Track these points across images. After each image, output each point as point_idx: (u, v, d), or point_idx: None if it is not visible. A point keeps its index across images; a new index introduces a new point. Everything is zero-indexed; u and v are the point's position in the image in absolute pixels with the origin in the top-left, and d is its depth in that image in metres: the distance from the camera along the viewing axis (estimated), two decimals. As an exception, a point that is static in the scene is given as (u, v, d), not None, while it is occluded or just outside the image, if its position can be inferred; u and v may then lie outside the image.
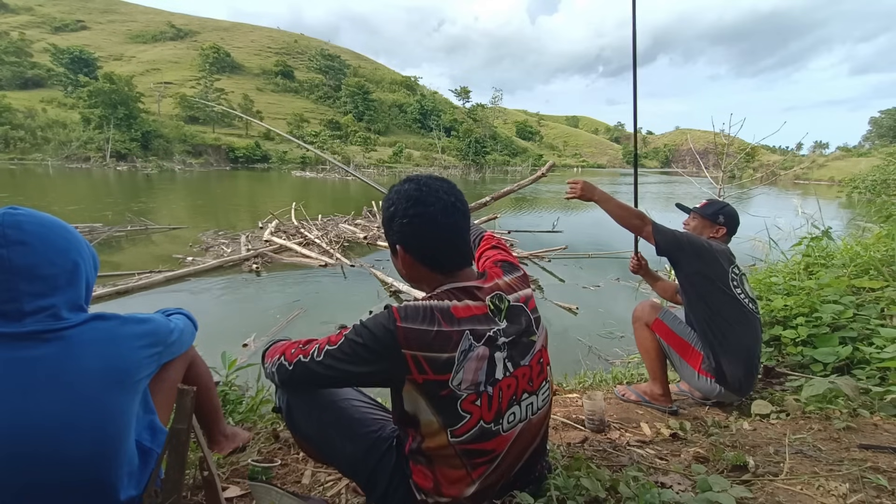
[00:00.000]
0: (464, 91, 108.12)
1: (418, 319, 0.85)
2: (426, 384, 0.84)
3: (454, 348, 0.84)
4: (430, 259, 0.94)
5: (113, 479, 0.86)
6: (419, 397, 0.86)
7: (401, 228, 0.93)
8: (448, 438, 0.87)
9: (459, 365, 0.84)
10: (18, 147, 40.64)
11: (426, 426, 0.88)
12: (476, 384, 0.86)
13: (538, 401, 0.98)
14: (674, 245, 1.84)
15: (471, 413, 0.86)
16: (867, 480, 1.12)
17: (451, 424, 0.86)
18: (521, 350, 0.94)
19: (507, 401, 0.90)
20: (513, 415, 0.92)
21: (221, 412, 1.49)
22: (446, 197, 0.93)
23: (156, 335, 0.96)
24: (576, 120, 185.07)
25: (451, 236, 0.94)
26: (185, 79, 71.76)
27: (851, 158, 55.74)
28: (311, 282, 6.64)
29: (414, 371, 0.84)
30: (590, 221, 15.16)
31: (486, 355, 0.87)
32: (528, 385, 0.94)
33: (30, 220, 0.83)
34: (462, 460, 0.89)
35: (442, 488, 0.91)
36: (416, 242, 0.93)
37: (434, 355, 0.84)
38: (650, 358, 1.99)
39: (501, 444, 0.91)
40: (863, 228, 4.30)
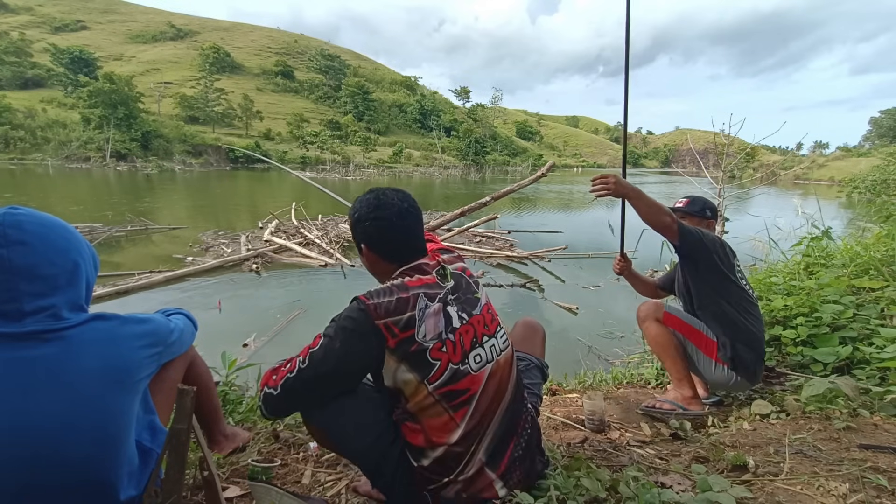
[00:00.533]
0: (464, 91, 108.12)
1: (381, 296, 1.01)
2: (398, 346, 0.98)
3: (413, 308, 1.01)
4: (389, 254, 1.13)
5: (113, 479, 0.86)
6: (396, 363, 0.99)
7: (364, 230, 1.12)
8: (427, 389, 1.00)
9: (420, 321, 1.00)
10: (18, 147, 40.65)
11: (407, 387, 1.00)
12: (438, 334, 1.01)
13: (499, 343, 1.13)
14: (699, 243, 1.81)
15: (440, 359, 1.01)
16: (867, 480, 1.12)
17: (426, 374, 1.00)
18: (469, 303, 1.11)
19: (469, 343, 1.06)
20: (478, 356, 1.06)
21: (221, 412, 1.49)
22: (400, 203, 1.13)
23: (156, 335, 0.96)
24: (576, 120, 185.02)
25: (406, 235, 1.12)
26: (185, 79, 71.74)
27: (851, 158, 55.73)
28: (311, 282, 6.64)
29: (388, 336, 0.98)
30: (590, 221, 15.17)
31: (441, 309, 1.04)
32: (484, 329, 1.10)
33: (30, 220, 0.83)
34: (443, 406, 1.01)
35: (432, 438, 1.02)
36: (377, 241, 1.12)
37: (398, 317, 0.99)
38: (669, 355, 1.91)
39: (474, 383, 1.04)
40: (863, 228, 4.30)
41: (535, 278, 7.15)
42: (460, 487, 1.04)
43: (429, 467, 1.04)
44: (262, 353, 4.00)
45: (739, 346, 1.82)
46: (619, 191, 1.79)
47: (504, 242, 9.62)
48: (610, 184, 1.77)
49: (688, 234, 1.79)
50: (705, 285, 1.87)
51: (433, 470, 1.04)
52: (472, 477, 1.04)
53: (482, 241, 9.64)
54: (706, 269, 1.85)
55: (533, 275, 7.37)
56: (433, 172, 55.68)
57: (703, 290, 1.88)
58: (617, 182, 1.78)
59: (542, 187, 28.82)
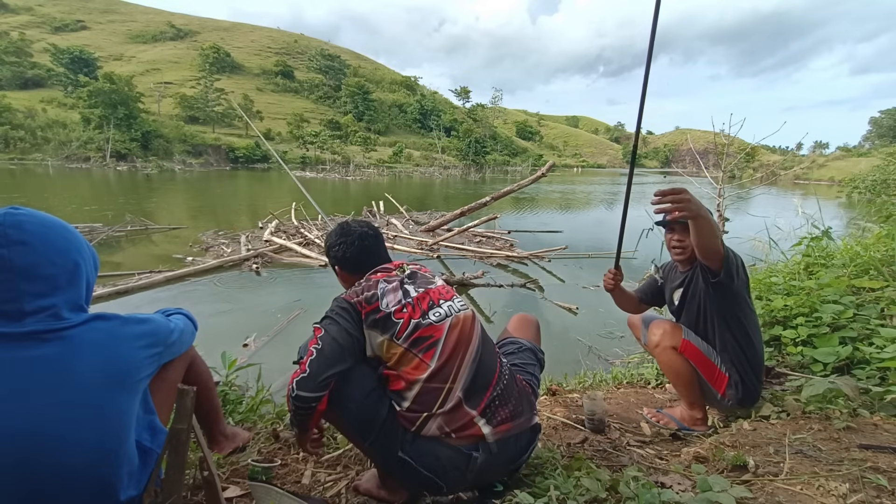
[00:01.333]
0: (464, 91, 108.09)
1: (353, 288, 1.28)
2: (367, 315, 1.20)
3: (375, 288, 1.25)
4: (354, 268, 1.38)
5: (113, 478, 0.86)
6: (370, 330, 1.20)
7: (334, 254, 1.41)
8: (395, 342, 1.19)
9: (382, 295, 1.23)
10: (18, 147, 40.63)
11: (381, 347, 1.20)
12: (398, 301, 1.23)
13: (456, 304, 1.31)
14: (738, 270, 1.65)
15: (402, 318, 1.21)
16: (867, 480, 1.12)
17: (394, 331, 1.19)
18: (425, 282, 1.33)
19: (426, 304, 1.26)
20: (437, 312, 1.25)
21: (221, 412, 1.50)
22: (360, 229, 1.41)
23: (156, 335, 0.96)
24: (576, 120, 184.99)
25: (366, 252, 1.39)
26: (185, 79, 71.72)
27: (851, 158, 55.68)
28: (311, 282, 6.63)
29: (361, 310, 1.21)
30: (590, 221, 15.16)
31: (398, 286, 1.27)
32: (440, 296, 1.30)
33: (31, 221, 0.83)
34: (412, 352, 1.19)
35: (408, 378, 1.18)
36: (343, 260, 1.39)
37: (366, 295, 1.23)
38: (684, 384, 1.82)
39: (437, 331, 1.22)
40: (863, 228, 4.30)
41: (535, 278, 7.15)
42: (441, 421, 1.16)
43: (410, 407, 1.17)
44: (262, 353, 4.00)
45: (748, 381, 1.74)
46: (693, 210, 1.45)
47: (504, 242, 9.61)
48: (684, 201, 1.43)
49: (729, 259, 1.60)
50: (728, 314, 1.73)
51: (414, 409, 1.17)
52: (450, 410, 1.16)
53: (482, 241, 9.63)
54: (733, 297, 1.70)
55: (533, 275, 7.36)
56: (433, 172, 55.65)
57: (725, 318, 1.74)
58: (693, 201, 1.44)
59: (545, 187, 28.83)
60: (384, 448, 1.18)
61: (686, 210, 1.44)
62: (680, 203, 1.43)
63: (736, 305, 1.72)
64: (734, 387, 1.74)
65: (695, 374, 1.78)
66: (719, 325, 1.76)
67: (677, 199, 1.43)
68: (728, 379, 1.74)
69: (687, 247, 1.82)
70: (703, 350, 1.78)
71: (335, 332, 1.18)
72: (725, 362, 1.77)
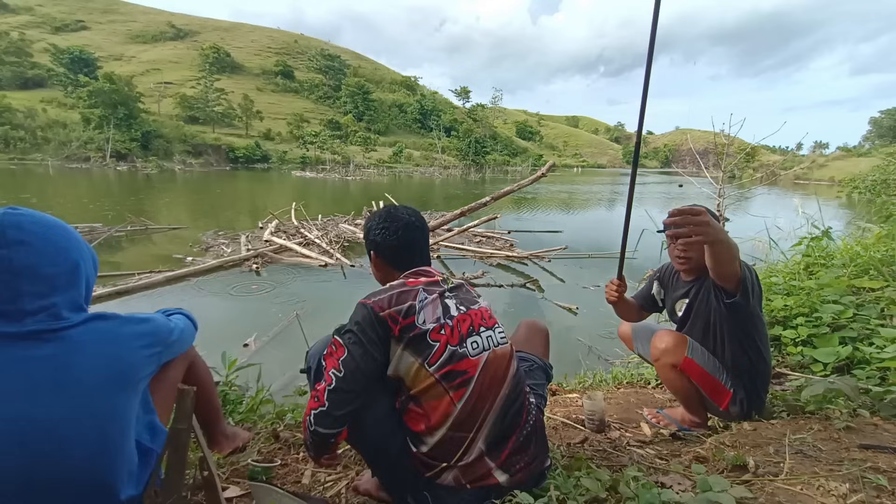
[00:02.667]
0: (464, 91, 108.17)
1: (380, 294, 1.11)
2: (401, 332, 1.05)
3: (413, 298, 1.09)
4: (393, 260, 1.24)
5: (113, 478, 0.86)
6: (400, 350, 1.06)
7: (374, 238, 1.25)
8: (427, 370, 1.05)
9: (420, 308, 1.08)
10: (18, 147, 40.69)
11: (408, 371, 1.06)
12: (437, 318, 1.09)
13: (496, 335, 1.17)
14: (753, 289, 1.55)
15: (438, 341, 1.07)
16: (867, 480, 1.12)
17: (427, 355, 1.06)
18: (467, 300, 1.20)
19: (466, 329, 1.12)
20: (475, 342, 1.12)
21: (221, 412, 1.49)
22: (408, 218, 1.25)
23: (156, 335, 0.96)
24: (576, 120, 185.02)
25: (410, 245, 1.24)
26: (185, 79, 71.77)
27: (851, 158, 55.65)
28: (311, 282, 6.64)
29: (392, 325, 1.05)
30: (591, 221, 15.17)
31: (438, 299, 1.12)
32: (482, 321, 1.17)
33: (30, 221, 0.83)
34: (443, 385, 1.06)
35: (432, 421, 1.07)
36: (383, 248, 1.24)
37: (400, 307, 1.07)
38: (683, 399, 1.78)
39: (472, 366, 1.09)
40: (863, 228, 4.30)
41: (535, 278, 7.14)
42: (458, 473, 1.08)
43: (428, 453, 1.07)
44: (263, 353, 4.00)
45: (754, 396, 1.70)
46: (711, 235, 1.30)
47: (504, 242, 9.61)
48: (701, 224, 1.26)
49: (746, 280, 1.50)
50: (740, 331, 1.65)
51: (432, 455, 1.07)
52: (470, 463, 1.08)
53: (482, 241, 9.63)
54: (748, 315, 1.61)
55: (533, 275, 7.36)
56: (433, 172, 55.65)
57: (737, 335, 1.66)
58: (710, 223, 1.28)
59: (545, 187, 28.83)
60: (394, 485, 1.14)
61: (702, 235, 1.29)
62: (697, 227, 1.27)
63: (749, 322, 1.63)
64: (738, 403, 1.69)
65: (695, 390, 1.72)
66: (730, 341, 1.67)
67: (693, 223, 1.27)
68: (732, 395, 1.69)
69: (692, 258, 1.74)
70: (708, 367, 1.70)
71: (359, 357, 1.04)
72: (732, 378, 1.70)
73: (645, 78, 1.59)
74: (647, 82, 1.58)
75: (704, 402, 1.77)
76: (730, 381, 1.70)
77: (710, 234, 1.30)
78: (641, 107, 1.62)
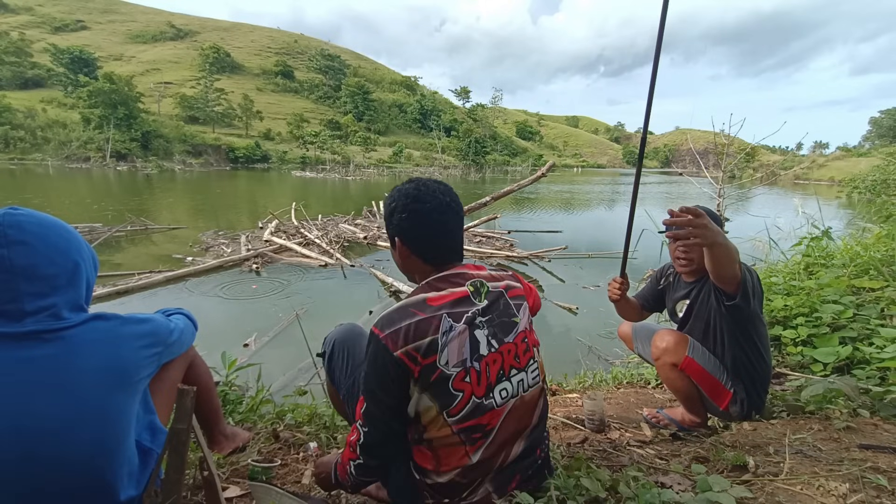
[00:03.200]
0: (464, 91, 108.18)
1: (395, 322, 0.92)
2: (421, 375, 0.91)
3: (435, 331, 0.91)
4: (423, 251, 1.03)
5: (113, 479, 0.86)
6: (419, 392, 0.93)
7: (399, 222, 1.02)
8: (445, 419, 0.93)
9: (443, 345, 0.91)
10: (18, 147, 40.67)
11: (425, 415, 0.94)
12: (462, 361, 0.93)
13: (528, 378, 1.03)
14: (753, 290, 1.54)
15: (462, 391, 0.93)
16: (867, 480, 1.12)
17: (447, 405, 0.92)
18: (503, 328, 1.00)
19: (495, 375, 0.96)
20: (504, 390, 0.98)
21: (221, 412, 1.49)
22: (442, 197, 1.01)
23: (156, 335, 0.96)
24: (576, 120, 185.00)
25: (444, 232, 1.02)
26: (185, 79, 71.78)
27: (851, 158, 55.63)
28: (311, 282, 6.63)
29: (411, 366, 0.90)
30: (591, 221, 15.16)
31: (467, 332, 0.94)
32: (514, 361, 1.00)
33: (30, 221, 0.83)
34: (460, 438, 0.95)
35: (441, 467, 0.97)
36: (412, 235, 1.02)
37: (419, 342, 0.90)
38: (683, 398, 1.78)
39: (495, 417, 0.97)
40: (863, 228, 4.30)
41: (535, 278, 7.14)
42: None
43: (433, 486, 1.00)
44: (262, 353, 4.00)
45: (754, 396, 1.70)
46: (709, 238, 1.29)
47: (504, 242, 9.61)
48: (699, 227, 1.26)
49: (746, 281, 1.49)
50: (740, 332, 1.65)
51: (437, 489, 1.00)
52: (476, 500, 1.02)
53: (482, 241, 9.63)
54: (748, 317, 1.61)
55: (533, 275, 7.36)
56: (433, 172, 55.64)
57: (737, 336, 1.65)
58: (708, 225, 1.27)
59: (545, 187, 28.82)
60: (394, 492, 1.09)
61: (701, 237, 1.28)
62: (695, 229, 1.26)
63: (749, 324, 1.63)
64: (738, 403, 1.70)
65: (695, 389, 1.72)
66: (730, 342, 1.67)
67: (692, 224, 1.26)
68: (732, 395, 1.69)
69: (693, 259, 1.74)
70: (709, 367, 1.70)
71: (380, 408, 0.95)
72: (732, 378, 1.70)
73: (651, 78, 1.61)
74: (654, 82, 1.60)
75: (704, 402, 1.77)
76: (730, 382, 1.70)
77: (709, 236, 1.29)
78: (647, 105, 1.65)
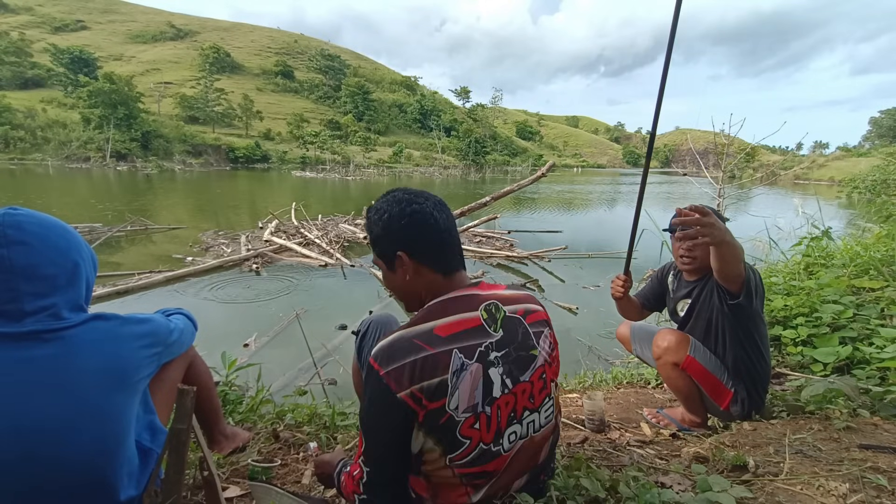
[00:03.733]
0: (464, 91, 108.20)
1: (398, 357, 0.81)
2: (426, 418, 0.81)
3: (445, 370, 0.81)
4: (433, 258, 0.92)
5: (113, 478, 0.86)
6: (423, 436, 0.84)
7: (400, 230, 0.90)
8: (447, 464, 0.85)
9: (454, 387, 0.81)
10: (18, 147, 40.69)
11: (428, 454, 0.86)
12: (473, 406, 0.83)
13: (540, 418, 0.95)
14: (756, 290, 1.53)
15: (470, 438, 0.84)
16: (867, 480, 1.12)
17: (452, 451, 0.84)
18: (520, 364, 0.90)
19: (506, 418, 0.88)
20: (513, 433, 0.90)
21: (221, 412, 1.49)
22: (432, 197, 0.95)
23: (155, 335, 0.96)
24: (576, 120, 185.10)
25: (448, 231, 0.93)
26: (185, 79, 71.82)
27: (851, 158, 55.63)
28: (311, 282, 6.63)
29: (417, 409, 0.81)
30: (591, 221, 15.16)
31: (480, 372, 0.84)
32: (528, 402, 0.91)
33: (30, 221, 0.83)
34: (461, 480, 0.88)
35: (438, 499, 0.90)
36: (419, 241, 0.91)
37: (426, 383, 0.80)
38: (684, 398, 1.77)
39: (500, 463, 0.90)
40: (863, 228, 4.31)
41: (535, 278, 7.15)
42: None
43: None
44: (262, 353, 4.00)
45: (755, 396, 1.70)
46: (718, 237, 1.31)
47: (504, 242, 9.61)
48: (708, 226, 1.27)
49: (749, 280, 1.49)
50: (741, 331, 1.64)
51: None
52: None
53: (482, 241, 9.63)
54: (749, 316, 1.61)
55: (533, 275, 7.36)
56: (433, 172, 55.65)
57: (738, 335, 1.65)
58: (715, 224, 1.28)
59: (549, 187, 28.82)
60: None
61: (710, 236, 1.29)
62: (704, 228, 1.27)
63: (751, 323, 1.63)
64: (739, 402, 1.70)
65: (696, 389, 1.72)
66: (732, 341, 1.67)
67: (700, 223, 1.26)
68: (733, 394, 1.70)
69: (696, 258, 1.74)
70: (710, 366, 1.70)
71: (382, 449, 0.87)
72: (733, 378, 1.70)
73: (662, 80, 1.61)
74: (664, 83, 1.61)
75: (705, 402, 1.77)
76: (731, 381, 1.70)
77: (717, 235, 1.29)
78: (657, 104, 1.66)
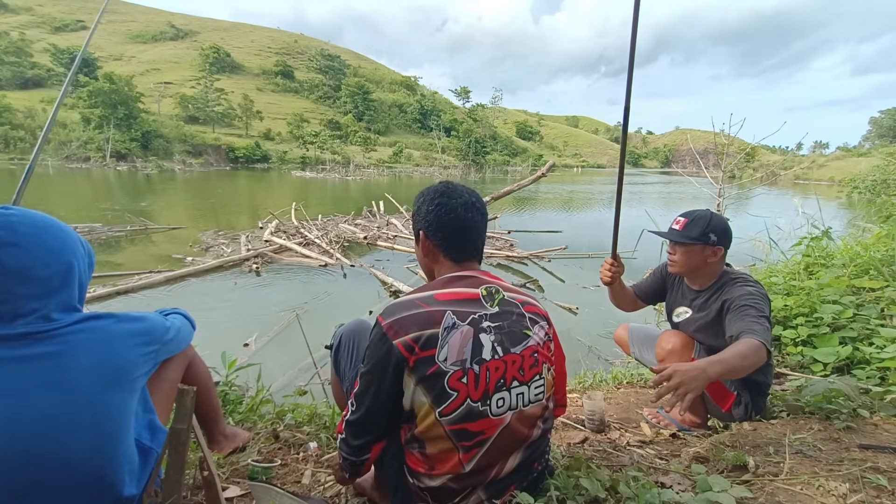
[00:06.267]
0: (464, 91, 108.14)
1: (400, 311, 0.94)
2: (417, 365, 0.91)
3: (437, 325, 0.92)
4: (445, 244, 1.06)
5: (113, 477, 0.86)
6: (414, 384, 0.92)
7: (426, 215, 1.07)
8: (437, 417, 0.92)
9: (443, 340, 0.91)
10: (18, 147, 40.64)
11: (419, 409, 0.93)
12: (461, 361, 0.92)
13: (530, 392, 1.00)
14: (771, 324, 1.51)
15: (458, 391, 0.91)
16: (867, 480, 1.12)
17: (440, 403, 0.91)
18: (512, 338, 0.98)
19: (494, 383, 0.94)
20: (501, 400, 0.95)
21: (221, 412, 1.49)
22: (468, 196, 1.08)
23: (151, 333, 0.96)
24: (576, 120, 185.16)
25: (467, 228, 1.06)
26: (185, 79, 71.78)
27: (851, 158, 55.66)
28: (311, 282, 6.64)
29: (407, 355, 0.91)
30: (591, 221, 15.16)
31: (471, 333, 0.93)
32: (518, 373, 0.98)
33: (23, 221, 0.82)
34: (453, 442, 0.93)
35: (434, 471, 0.96)
36: (436, 228, 1.06)
37: (419, 333, 0.91)
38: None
39: (491, 427, 0.95)
40: (863, 228, 4.31)
41: (535, 278, 7.15)
42: None
43: (425, 489, 0.99)
44: (263, 353, 4.00)
45: (756, 399, 1.69)
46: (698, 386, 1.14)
47: (504, 242, 9.62)
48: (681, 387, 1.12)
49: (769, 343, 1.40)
50: None
51: (428, 492, 0.99)
52: None
53: (482, 241, 9.63)
54: None
55: (533, 275, 7.37)
56: (433, 172, 55.64)
57: None
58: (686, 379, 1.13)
59: (549, 187, 28.81)
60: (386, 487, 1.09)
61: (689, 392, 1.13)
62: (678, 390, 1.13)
63: None
64: (741, 405, 1.69)
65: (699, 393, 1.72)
66: None
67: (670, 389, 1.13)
68: (736, 397, 1.69)
69: (677, 262, 1.73)
70: None
71: (371, 395, 0.96)
72: (736, 381, 1.67)
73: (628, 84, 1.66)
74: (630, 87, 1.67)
75: (706, 404, 1.77)
76: (734, 385, 1.70)
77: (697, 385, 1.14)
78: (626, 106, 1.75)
